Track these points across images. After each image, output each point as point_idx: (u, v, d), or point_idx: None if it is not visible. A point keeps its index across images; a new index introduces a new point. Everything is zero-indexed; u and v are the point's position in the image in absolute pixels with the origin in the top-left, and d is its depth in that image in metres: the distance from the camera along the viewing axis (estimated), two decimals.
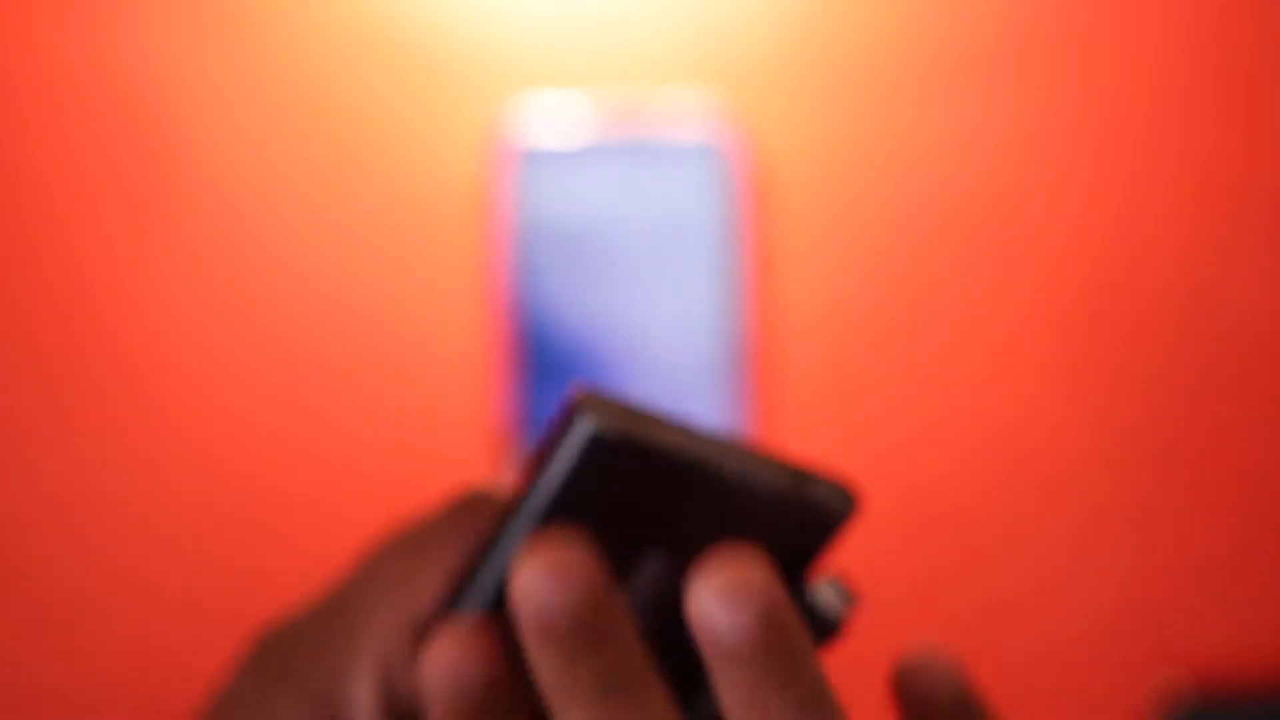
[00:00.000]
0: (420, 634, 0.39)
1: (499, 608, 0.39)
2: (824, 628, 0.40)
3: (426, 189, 0.85)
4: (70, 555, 0.84)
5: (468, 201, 0.85)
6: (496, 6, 0.85)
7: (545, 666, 0.36)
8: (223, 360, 0.85)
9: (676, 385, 0.83)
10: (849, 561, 0.85)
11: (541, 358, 0.83)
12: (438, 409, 0.85)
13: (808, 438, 0.85)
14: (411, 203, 0.85)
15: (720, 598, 0.36)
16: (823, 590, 0.40)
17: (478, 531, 0.40)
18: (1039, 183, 0.85)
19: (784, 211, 0.85)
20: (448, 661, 0.37)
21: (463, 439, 0.84)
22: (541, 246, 0.83)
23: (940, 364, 0.85)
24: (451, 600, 0.39)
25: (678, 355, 0.83)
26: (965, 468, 0.85)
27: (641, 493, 0.38)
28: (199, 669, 0.85)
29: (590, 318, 0.83)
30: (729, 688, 0.36)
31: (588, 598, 0.35)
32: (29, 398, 0.85)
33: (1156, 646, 0.85)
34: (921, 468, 0.85)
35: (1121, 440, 0.85)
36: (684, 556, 0.39)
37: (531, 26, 0.85)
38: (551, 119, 0.84)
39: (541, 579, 0.35)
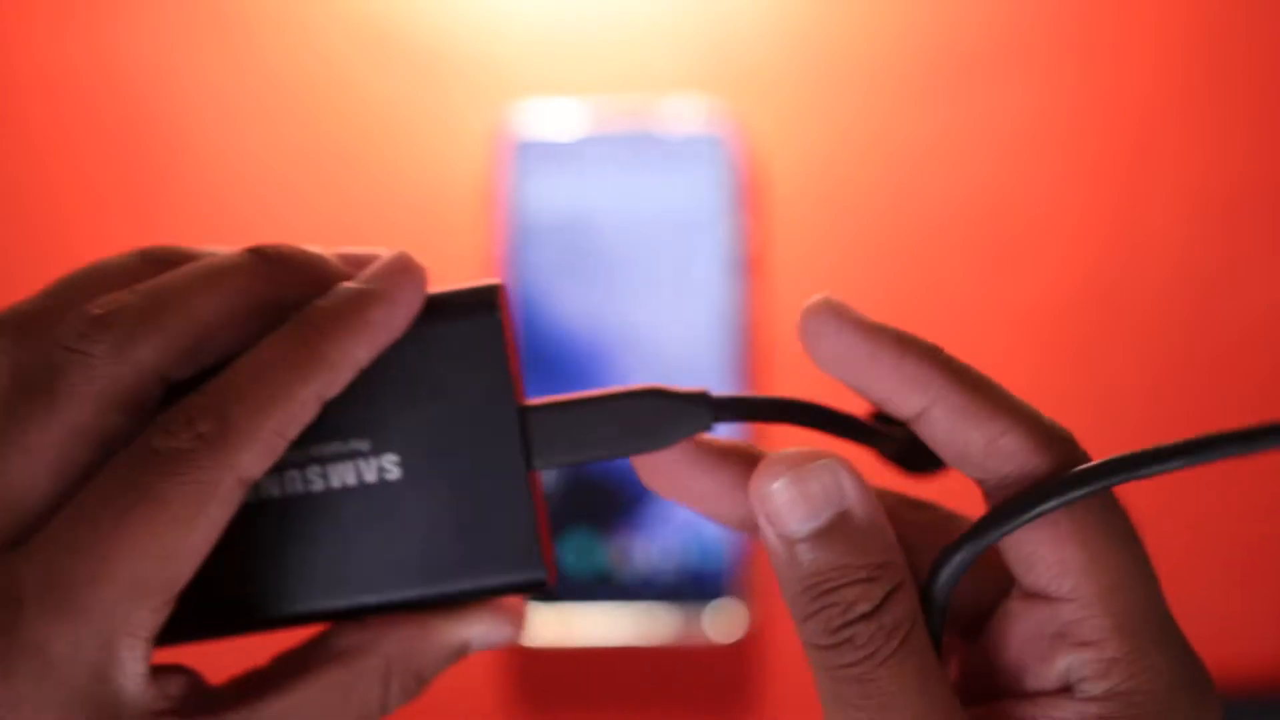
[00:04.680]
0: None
1: None
2: None
3: (431, 187, 0.85)
4: None
5: (473, 199, 0.85)
6: (501, 12, 0.85)
7: None
8: None
9: (676, 378, 0.83)
10: None
11: (541, 350, 0.83)
12: None
13: (803, 433, 0.85)
14: (415, 201, 0.85)
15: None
16: None
17: None
18: (1036, 182, 0.85)
19: (784, 208, 0.85)
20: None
21: None
22: (541, 241, 0.84)
23: None
24: None
25: (677, 350, 0.84)
26: None
27: None
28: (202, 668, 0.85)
29: (589, 311, 0.84)
30: None
31: None
32: None
33: None
34: None
35: (1118, 443, 0.85)
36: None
37: (535, 31, 0.85)
38: (554, 118, 0.84)
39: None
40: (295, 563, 0.40)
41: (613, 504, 0.84)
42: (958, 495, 0.47)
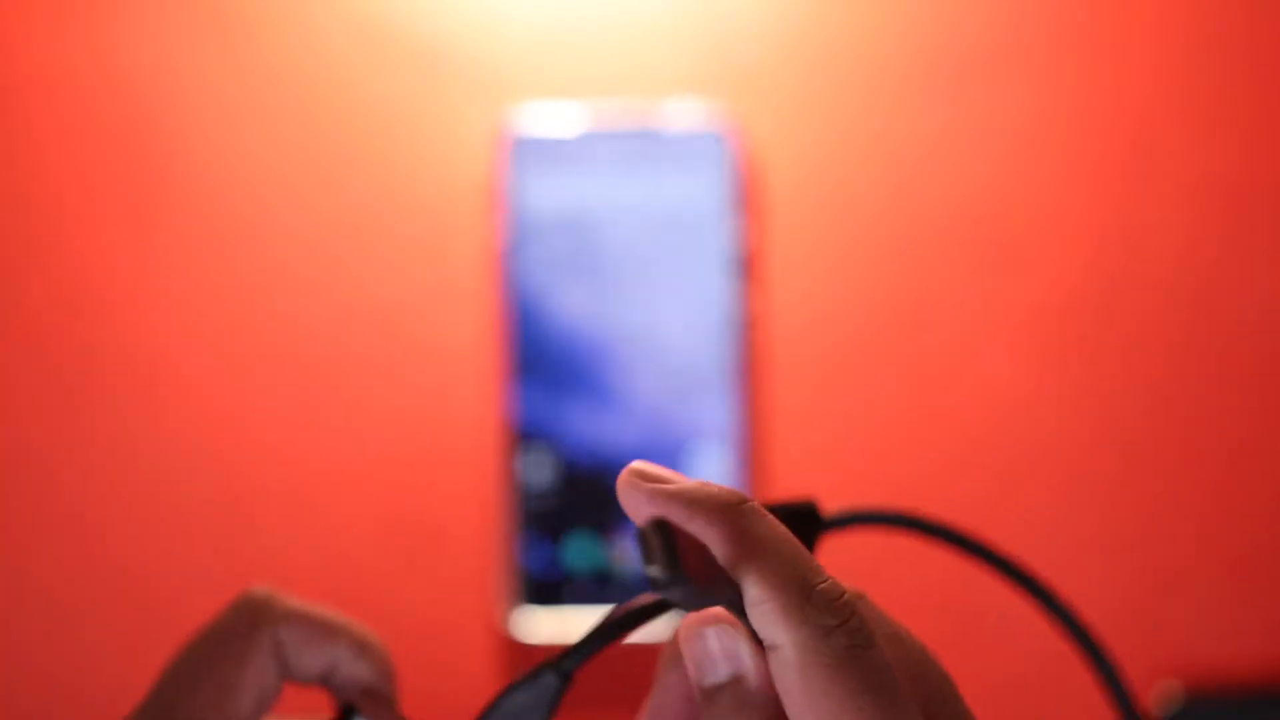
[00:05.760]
0: None
1: None
2: None
3: (432, 187, 0.85)
4: (74, 552, 0.84)
5: (474, 198, 0.85)
6: (501, 12, 0.85)
7: None
8: (227, 358, 0.85)
9: (676, 378, 0.83)
10: (844, 561, 0.85)
11: (541, 349, 0.83)
12: (444, 406, 0.85)
13: (804, 433, 0.85)
14: (415, 201, 0.85)
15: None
16: None
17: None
18: (1036, 182, 0.85)
19: (784, 208, 0.85)
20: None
21: (469, 431, 0.85)
22: (541, 240, 0.84)
23: (938, 363, 0.85)
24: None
25: (677, 349, 0.84)
26: (961, 468, 0.85)
27: None
28: None
29: (589, 310, 0.84)
30: None
31: None
32: (32, 395, 0.85)
33: (1148, 648, 0.85)
34: (918, 466, 0.85)
35: (1119, 443, 0.85)
36: None
37: (535, 31, 0.85)
38: (554, 117, 0.84)
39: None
40: None
41: (613, 504, 0.84)
42: None
